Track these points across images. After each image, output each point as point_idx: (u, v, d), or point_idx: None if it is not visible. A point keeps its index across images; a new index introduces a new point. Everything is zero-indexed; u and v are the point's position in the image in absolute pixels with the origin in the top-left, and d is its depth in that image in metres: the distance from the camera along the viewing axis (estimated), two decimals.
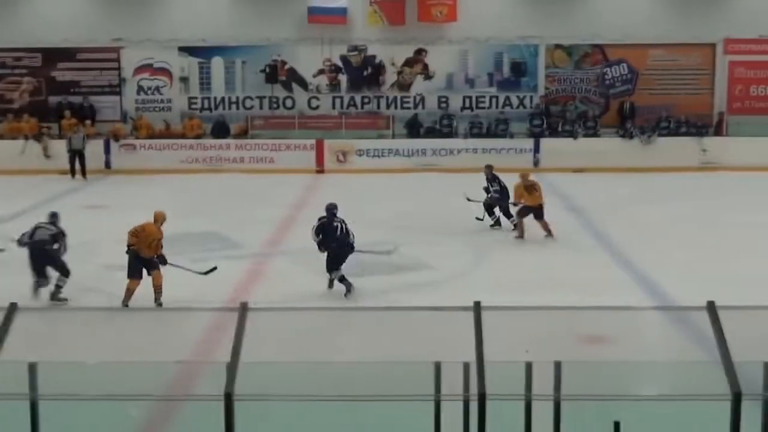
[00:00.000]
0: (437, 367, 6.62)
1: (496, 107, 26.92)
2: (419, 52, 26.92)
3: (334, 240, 12.63)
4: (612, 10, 26.71)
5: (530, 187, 16.45)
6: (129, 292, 11.98)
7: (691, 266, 14.35)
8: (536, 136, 25.96)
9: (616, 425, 6.13)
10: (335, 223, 12.75)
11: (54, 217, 12.71)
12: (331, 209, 12.92)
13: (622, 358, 8.26)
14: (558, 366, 6.52)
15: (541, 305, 6.71)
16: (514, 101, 26.97)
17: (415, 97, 26.96)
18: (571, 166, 24.30)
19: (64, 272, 12.32)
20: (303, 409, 7.29)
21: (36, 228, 12.50)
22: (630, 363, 7.48)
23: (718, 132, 26.48)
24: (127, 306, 11.84)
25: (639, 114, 26.76)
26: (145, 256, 12.08)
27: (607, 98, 27.17)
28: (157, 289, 12.04)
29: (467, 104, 26.96)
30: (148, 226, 12.26)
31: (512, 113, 26.82)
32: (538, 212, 16.37)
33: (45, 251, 12.27)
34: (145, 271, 12.11)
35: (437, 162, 25.47)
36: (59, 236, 12.40)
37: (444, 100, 26.90)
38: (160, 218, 12.47)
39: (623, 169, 24.36)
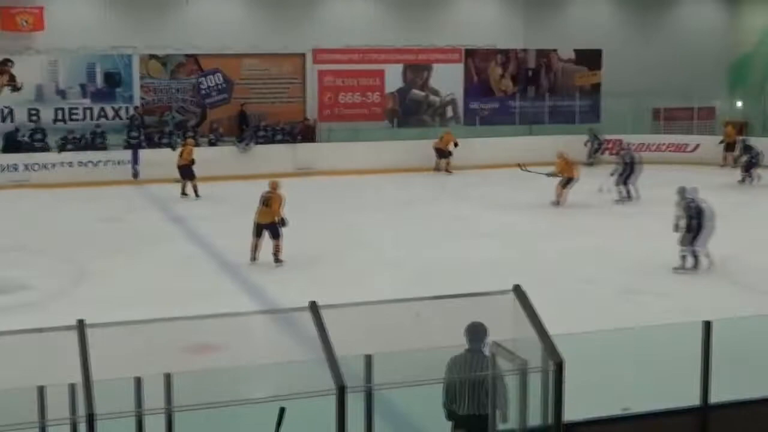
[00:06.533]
0: (41, 391, 6.33)
1: (91, 119, 26.17)
2: (5, 62, 25.51)
3: None
4: (205, 20, 26.97)
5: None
6: None
7: (297, 270, 14.86)
8: (134, 147, 25.56)
9: None
10: None
11: None
12: None
13: (232, 364, 8.36)
14: (168, 378, 6.48)
15: (147, 318, 6.60)
16: (110, 112, 26.36)
17: (2, 110, 25.50)
18: (172, 177, 23.90)
19: None
20: None
21: None
22: (240, 368, 7.58)
23: (310, 138, 27.58)
24: None
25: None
26: None
27: (204, 108, 27.37)
28: None
29: (60, 116, 25.94)
30: None
31: (108, 125, 26.21)
32: None
33: None
34: None
35: (29, 177, 24.26)
36: None
37: (34, 112, 25.67)
38: None
39: (223, 177, 24.53)
